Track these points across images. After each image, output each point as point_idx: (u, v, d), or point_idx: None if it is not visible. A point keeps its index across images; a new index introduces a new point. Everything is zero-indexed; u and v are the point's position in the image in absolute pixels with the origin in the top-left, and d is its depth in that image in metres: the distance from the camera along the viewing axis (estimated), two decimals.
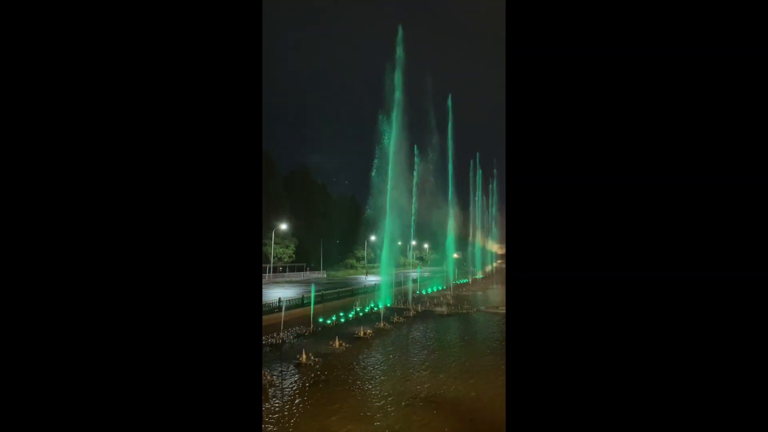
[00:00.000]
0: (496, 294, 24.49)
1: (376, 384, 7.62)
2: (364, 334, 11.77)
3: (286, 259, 41.52)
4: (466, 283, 32.94)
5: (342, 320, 14.49)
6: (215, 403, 2.13)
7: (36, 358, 2.00)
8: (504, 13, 2.23)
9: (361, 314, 15.92)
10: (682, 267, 2.01)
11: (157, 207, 2.17)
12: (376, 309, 17.53)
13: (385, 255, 21.44)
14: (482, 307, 18.38)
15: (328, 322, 13.93)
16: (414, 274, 30.64)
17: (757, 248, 1.96)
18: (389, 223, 20.55)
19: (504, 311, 16.69)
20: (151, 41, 2.20)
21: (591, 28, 2.13)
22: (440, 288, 26.73)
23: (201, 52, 2.26)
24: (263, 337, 11.37)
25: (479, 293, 25.32)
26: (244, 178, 2.29)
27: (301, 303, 15.95)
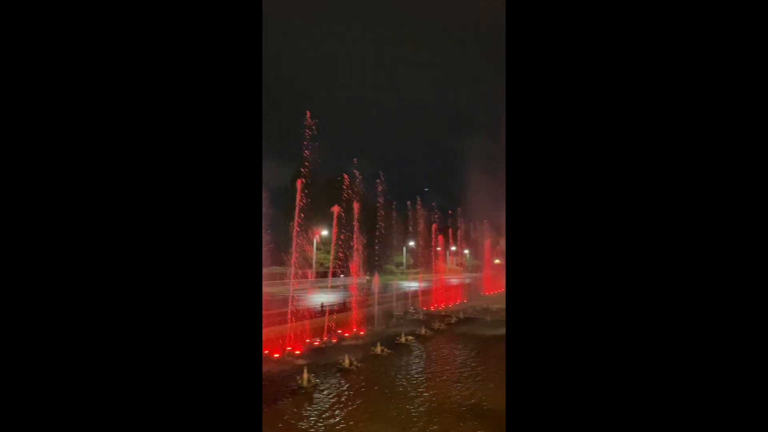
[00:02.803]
0: None
1: (418, 391, 7.57)
2: (406, 340, 11.75)
3: (327, 265, 42.38)
4: None
5: (383, 326, 14.57)
6: (215, 403, 2.10)
7: (34, 357, 1.98)
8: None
9: (401, 320, 15.91)
10: (688, 265, 1.99)
11: (157, 207, 2.15)
12: (416, 315, 17.45)
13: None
14: None
15: (369, 327, 14.06)
16: (454, 280, 30.17)
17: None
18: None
19: None
20: (151, 41, 2.19)
21: None
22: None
23: (201, 52, 2.23)
24: (307, 341, 11.67)
25: None
26: (244, 179, 2.26)
27: (343, 308, 16.20)
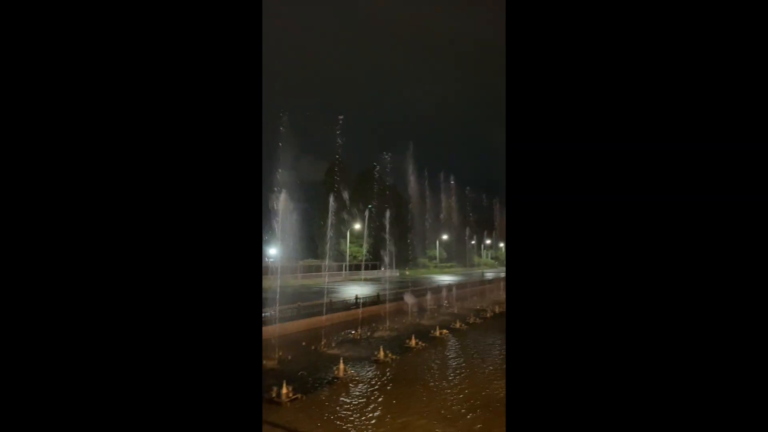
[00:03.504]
0: None
1: (454, 385, 7.48)
2: (440, 333, 11.65)
3: (360, 258, 42.84)
4: None
5: (417, 318, 14.53)
6: (215, 403, 2.08)
7: (34, 357, 1.99)
8: None
9: (436, 313, 15.79)
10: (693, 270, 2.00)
11: (157, 207, 2.15)
12: (451, 308, 17.27)
13: None
14: None
15: (403, 320, 14.05)
16: (489, 274, 29.60)
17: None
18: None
19: None
20: (151, 41, 2.18)
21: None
22: None
23: (201, 52, 2.22)
24: (342, 333, 11.83)
25: None
26: (244, 178, 2.25)
27: (376, 300, 16.30)
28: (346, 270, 35.45)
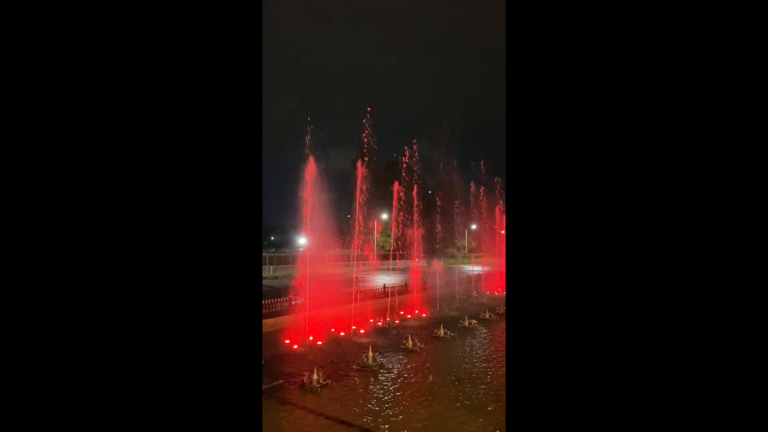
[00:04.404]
0: None
1: (483, 376, 7.43)
2: (469, 324, 11.56)
3: (388, 248, 43.07)
4: None
5: (446, 308, 14.48)
6: (215, 403, 2.09)
7: (34, 357, 1.99)
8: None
9: (464, 304, 15.68)
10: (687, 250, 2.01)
11: (157, 207, 2.16)
12: (480, 299, 17.10)
13: None
14: None
15: (432, 309, 14.04)
16: None
17: (758, 215, 1.97)
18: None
19: None
20: (151, 41, 2.18)
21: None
22: None
23: (201, 52, 2.22)
24: (371, 321, 11.97)
25: None
26: (244, 178, 2.25)
27: (405, 290, 16.34)
28: (374, 260, 35.71)
